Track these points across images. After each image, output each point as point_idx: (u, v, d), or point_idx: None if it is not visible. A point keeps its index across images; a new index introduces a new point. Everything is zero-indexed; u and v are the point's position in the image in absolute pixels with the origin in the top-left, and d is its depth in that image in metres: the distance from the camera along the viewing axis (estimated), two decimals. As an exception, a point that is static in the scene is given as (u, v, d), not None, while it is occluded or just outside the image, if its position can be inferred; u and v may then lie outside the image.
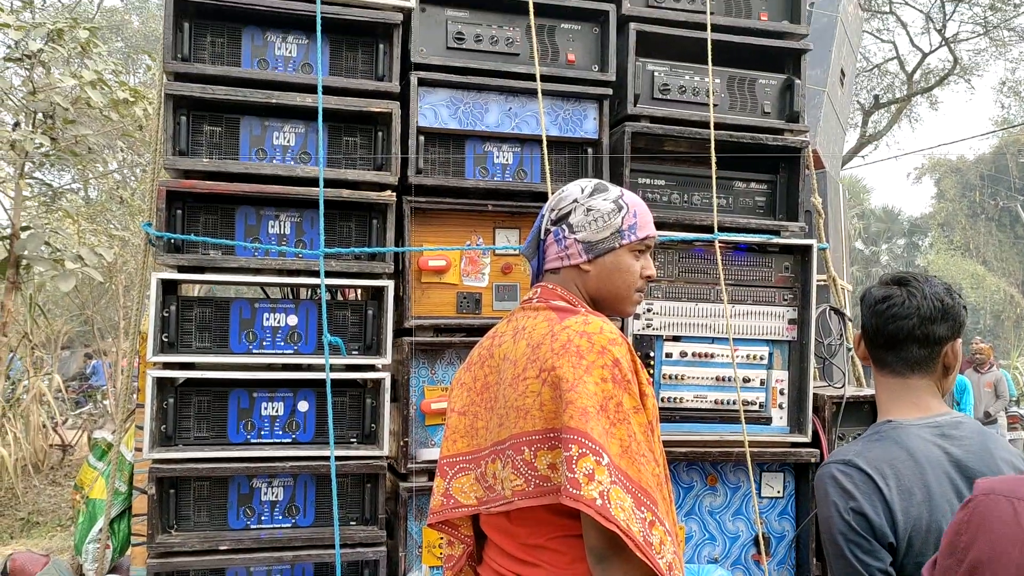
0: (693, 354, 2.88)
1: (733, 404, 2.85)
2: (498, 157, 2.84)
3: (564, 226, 1.68)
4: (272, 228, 2.65)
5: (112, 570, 3.41)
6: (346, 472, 2.58)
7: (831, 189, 5.10)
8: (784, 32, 3.10)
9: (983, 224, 29.39)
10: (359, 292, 3.11)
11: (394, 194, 2.67)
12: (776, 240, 2.95)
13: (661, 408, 2.73)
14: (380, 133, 2.70)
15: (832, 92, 5.34)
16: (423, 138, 2.73)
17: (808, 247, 2.96)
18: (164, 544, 2.44)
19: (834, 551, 1.57)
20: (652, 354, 2.84)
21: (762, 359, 2.93)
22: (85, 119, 7.21)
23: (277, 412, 2.58)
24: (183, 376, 2.51)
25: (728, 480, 2.93)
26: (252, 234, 2.63)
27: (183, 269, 2.60)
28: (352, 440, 2.63)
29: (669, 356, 2.86)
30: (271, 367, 2.62)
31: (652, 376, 2.83)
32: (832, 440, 2.91)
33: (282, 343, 2.60)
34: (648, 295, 2.85)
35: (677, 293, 2.89)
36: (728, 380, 2.87)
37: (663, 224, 2.85)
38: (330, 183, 2.58)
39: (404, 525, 2.64)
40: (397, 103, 2.67)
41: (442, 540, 1.86)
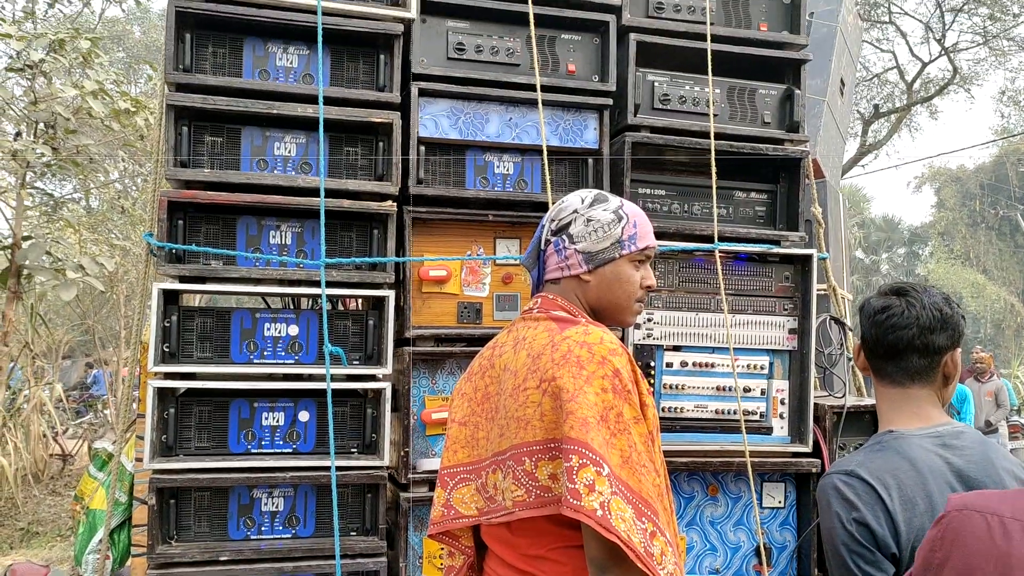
0: (693, 364, 2.88)
1: (734, 414, 2.85)
2: (499, 167, 2.85)
3: (564, 236, 1.68)
4: (273, 238, 2.65)
5: (112, 581, 3.40)
6: (347, 482, 2.57)
7: (831, 198, 5.10)
8: (784, 42, 3.11)
9: (983, 233, 29.38)
10: (360, 302, 3.11)
11: (395, 204, 2.67)
12: (776, 250, 2.95)
13: (662, 418, 2.73)
14: (381, 143, 2.71)
15: (832, 102, 5.35)
16: (424, 148, 2.73)
17: (808, 257, 2.96)
18: (164, 555, 2.44)
19: (837, 562, 1.57)
20: (652, 364, 2.84)
21: (763, 369, 2.93)
22: (86, 129, 7.22)
23: (278, 422, 2.58)
24: (184, 386, 2.52)
25: (729, 490, 2.92)
26: (253, 244, 2.63)
27: (184, 279, 2.60)
28: (353, 450, 2.63)
29: (669, 366, 2.86)
30: (272, 377, 2.62)
31: (652, 386, 2.83)
32: (833, 450, 2.90)
33: (283, 353, 2.60)
34: (648, 305, 2.85)
35: (677, 303, 2.89)
36: (729, 390, 2.87)
37: (663, 234, 2.85)
38: (331, 193, 2.58)
39: (404, 535, 2.64)
40: (398, 113, 2.68)
41: (443, 551, 1.86)
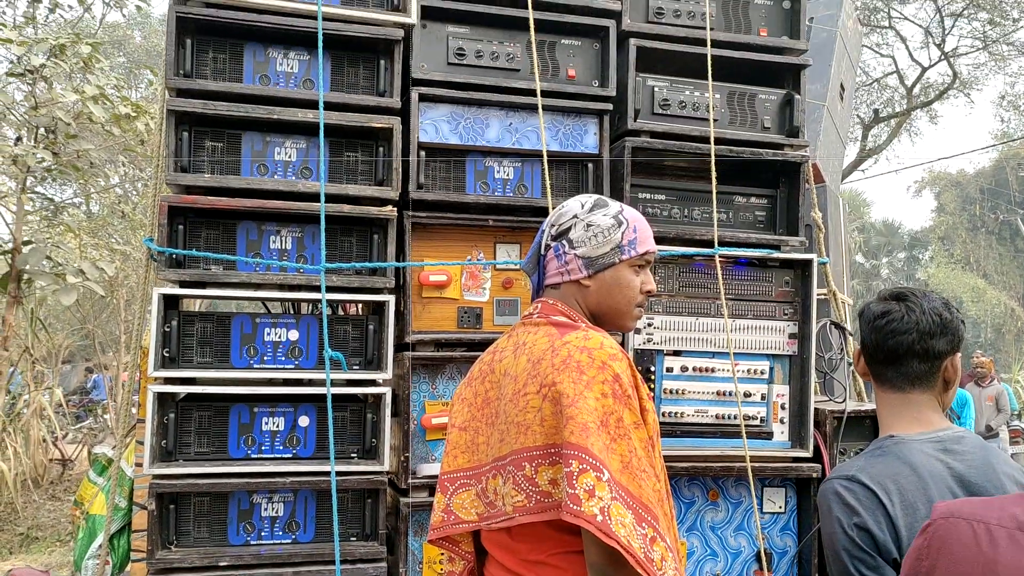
0: (694, 368, 2.87)
1: (734, 419, 2.85)
2: (499, 172, 2.85)
3: (564, 241, 1.68)
4: (273, 243, 2.65)
5: (111, 586, 3.39)
6: (346, 487, 2.57)
7: (831, 203, 5.11)
8: (784, 47, 3.11)
9: (983, 237, 29.40)
10: (360, 307, 3.11)
11: (395, 209, 2.67)
12: (776, 255, 2.95)
13: (662, 423, 2.73)
14: (381, 148, 2.71)
15: (832, 106, 5.36)
16: (424, 153, 2.73)
17: (808, 261, 2.96)
18: (164, 560, 2.44)
19: (838, 567, 1.57)
20: (653, 369, 2.84)
21: (763, 373, 2.92)
22: (87, 134, 7.24)
23: (278, 427, 2.58)
24: (184, 391, 2.51)
25: (730, 495, 2.92)
26: (253, 249, 2.63)
27: (184, 284, 2.60)
28: (353, 455, 2.63)
29: (670, 371, 2.86)
30: (272, 382, 2.62)
31: (653, 391, 2.83)
32: (834, 455, 2.90)
33: (283, 358, 2.60)
34: (648, 310, 2.84)
35: (678, 308, 2.89)
36: (729, 395, 2.87)
37: (663, 239, 2.85)
38: (331, 198, 2.59)
39: (404, 541, 2.63)
40: (398, 118, 2.68)
41: (443, 556, 1.86)
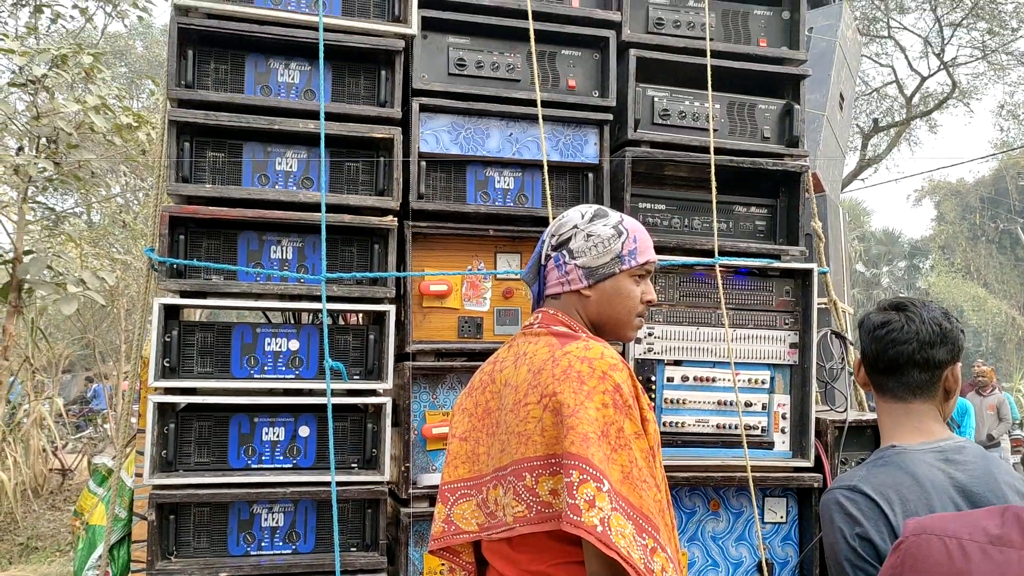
0: (694, 378, 2.87)
1: (735, 428, 2.84)
2: (499, 182, 2.86)
3: (564, 252, 1.68)
4: (274, 253, 2.65)
5: (111, 597, 3.38)
6: (347, 497, 2.57)
7: (831, 212, 5.11)
8: (783, 58, 3.12)
9: (984, 246, 29.41)
10: (360, 317, 3.11)
11: (396, 219, 2.68)
12: (777, 264, 2.96)
13: (663, 433, 2.72)
14: (382, 158, 2.72)
15: (831, 116, 5.37)
16: (424, 163, 2.74)
17: (809, 271, 2.96)
18: (164, 571, 2.43)
19: (839, 578, 1.56)
20: (653, 378, 2.84)
21: (764, 383, 2.92)
22: (88, 144, 7.25)
23: (278, 437, 2.58)
24: (184, 401, 2.51)
25: (731, 505, 2.91)
26: (254, 259, 2.64)
27: (185, 294, 2.61)
28: (353, 465, 2.62)
29: (670, 380, 2.86)
30: (272, 392, 2.62)
31: (653, 401, 2.83)
32: (835, 465, 2.89)
33: (283, 368, 2.60)
34: (649, 319, 2.85)
35: (678, 317, 2.89)
36: (730, 404, 2.86)
37: (663, 248, 2.85)
38: (332, 208, 2.59)
39: (405, 551, 2.63)
40: (399, 129, 2.69)
41: (443, 566, 1.85)
